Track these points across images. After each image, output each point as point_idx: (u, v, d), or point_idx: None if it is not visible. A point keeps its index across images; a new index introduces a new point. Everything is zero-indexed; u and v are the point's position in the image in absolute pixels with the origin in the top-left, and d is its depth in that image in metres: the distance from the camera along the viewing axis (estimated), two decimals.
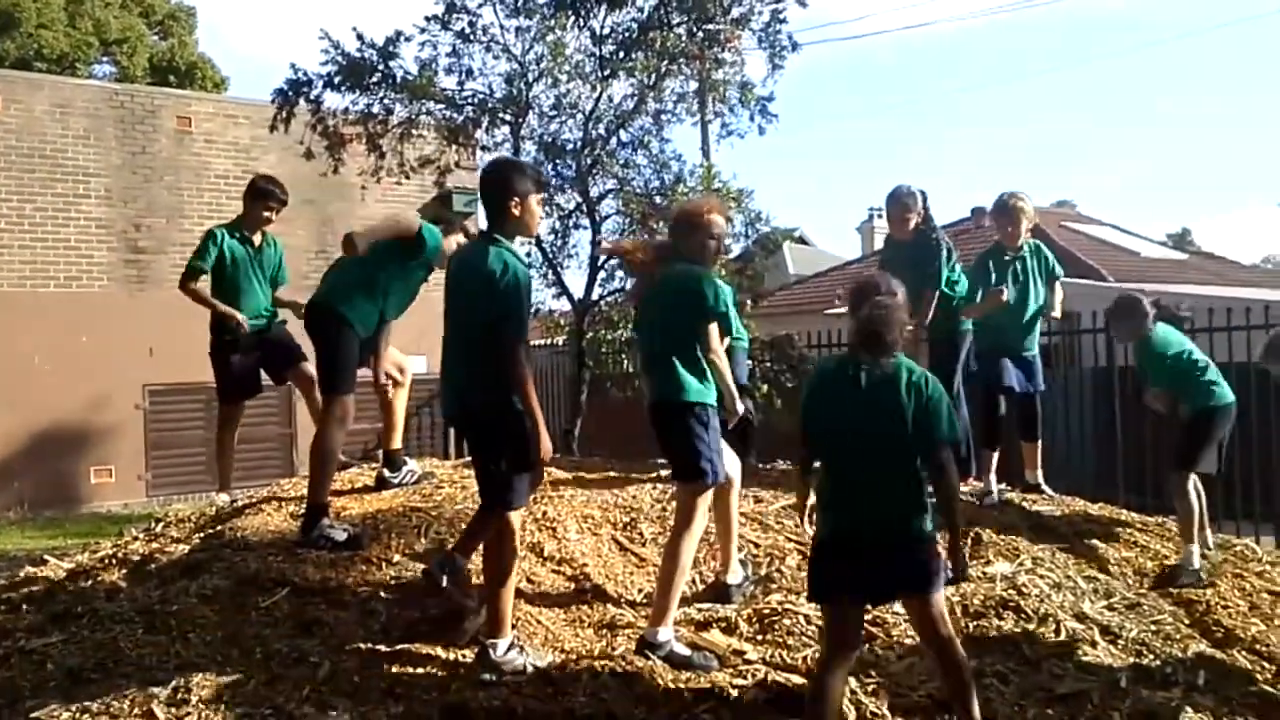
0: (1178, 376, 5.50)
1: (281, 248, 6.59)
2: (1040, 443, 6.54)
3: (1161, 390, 5.58)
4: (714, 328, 4.30)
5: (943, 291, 6.28)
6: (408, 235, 5.14)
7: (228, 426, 6.58)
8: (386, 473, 5.72)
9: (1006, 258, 6.23)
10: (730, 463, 4.53)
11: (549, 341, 14.13)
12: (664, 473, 5.88)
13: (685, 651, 4.01)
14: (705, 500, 4.26)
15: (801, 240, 30.47)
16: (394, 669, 3.81)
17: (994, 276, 6.16)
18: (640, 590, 4.65)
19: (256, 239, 6.52)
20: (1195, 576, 5.17)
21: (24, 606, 4.88)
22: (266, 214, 6.51)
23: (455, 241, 5.35)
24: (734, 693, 3.77)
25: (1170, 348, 5.51)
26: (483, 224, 4.45)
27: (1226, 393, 5.49)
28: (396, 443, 5.75)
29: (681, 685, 3.77)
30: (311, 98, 9.41)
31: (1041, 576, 4.93)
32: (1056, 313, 6.58)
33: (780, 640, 4.19)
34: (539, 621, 4.26)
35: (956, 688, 3.54)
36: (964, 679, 3.53)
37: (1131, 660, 4.31)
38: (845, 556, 3.54)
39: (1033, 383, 6.35)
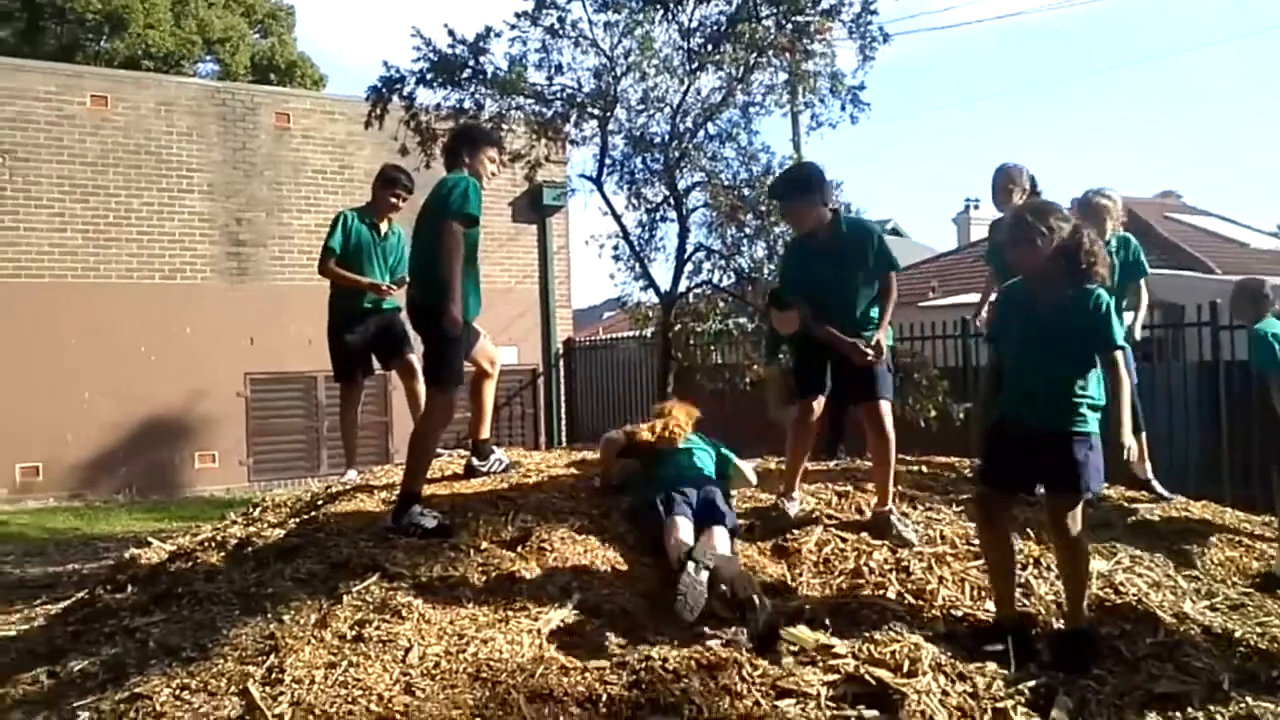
0: None
1: (405, 239, 6.70)
2: (1145, 436, 6.35)
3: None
4: None
5: None
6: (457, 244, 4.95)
7: (349, 405, 6.86)
8: (475, 461, 5.79)
9: None
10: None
11: (638, 334, 14.18)
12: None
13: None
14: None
15: (895, 232, 30.13)
16: (481, 654, 3.84)
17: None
18: None
19: (382, 226, 6.72)
20: None
21: (129, 587, 5.08)
22: (394, 200, 6.70)
23: (485, 159, 5.26)
24: (821, 688, 3.73)
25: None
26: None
27: None
28: (485, 432, 5.81)
29: (767, 678, 3.73)
30: (404, 94, 9.53)
31: (1139, 575, 4.80)
32: (1137, 330, 6.10)
33: (867, 635, 4.13)
34: (624, 611, 4.26)
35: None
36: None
37: (1235, 663, 4.16)
38: None
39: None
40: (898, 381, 8.13)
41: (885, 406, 5.22)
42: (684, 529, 4.64)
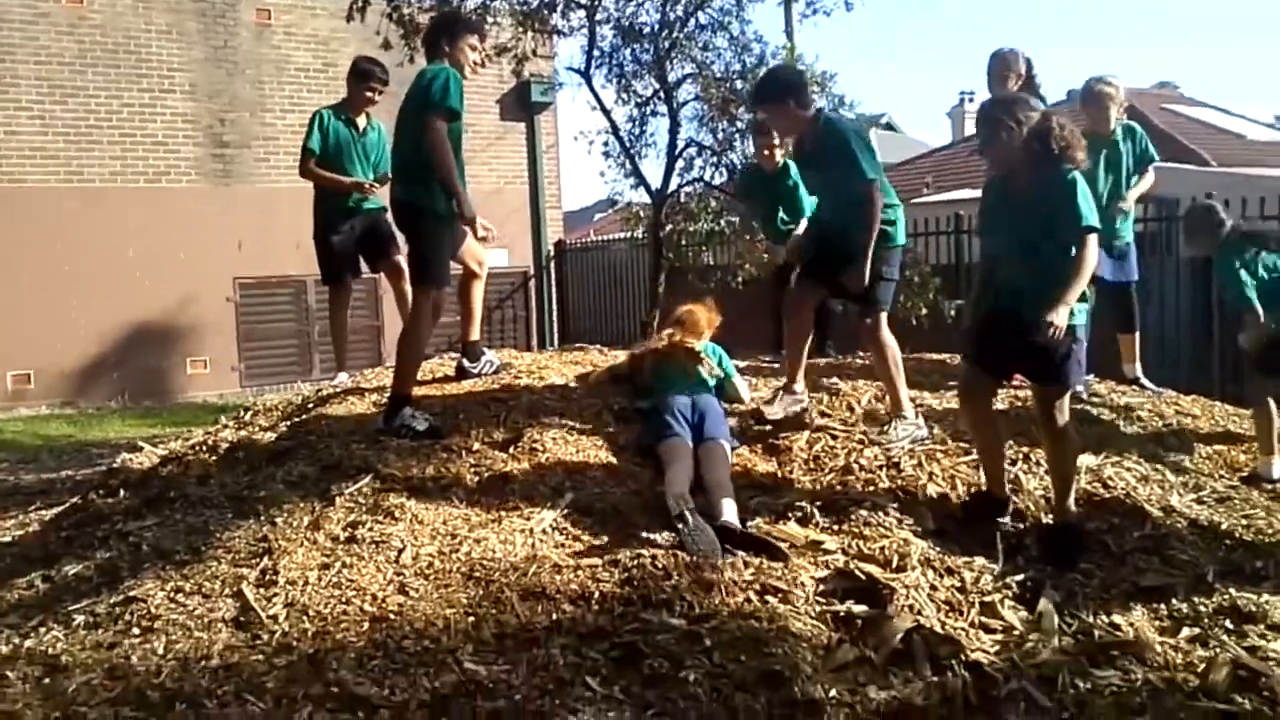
0: (1259, 292, 5.11)
1: (386, 134, 6.57)
2: (1138, 335, 6.35)
3: (1252, 314, 5.10)
4: None
5: None
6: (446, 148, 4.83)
7: (338, 308, 6.82)
8: (466, 363, 5.77)
9: (1099, 143, 5.98)
10: None
11: (629, 234, 14.06)
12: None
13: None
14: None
15: (889, 127, 29.76)
16: (474, 553, 3.87)
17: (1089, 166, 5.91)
18: None
19: (360, 122, 6.59)
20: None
21: (121, 491, 5.10)
22: (369, 94, 6.55)
23: (466, 47, 5.08)
24: (811, 584, 3.76)
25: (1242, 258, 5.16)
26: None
27: None
28: (475, 334, 5.78)
29: (755, 576, 3.76)
30: None
31: (1128, 469, 4.82)
32: (1127, 204, 6.03)
33: (857, 531, 4.16)
34: (616, 509, 4.28)
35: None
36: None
37: (1220, 555, 4.21)
38: None
39: (1125, 272, 6.13)
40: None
41: (873, 319, 5.12)
42: (681, 463, 4.47)
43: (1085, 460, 4.80)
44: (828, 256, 5.08)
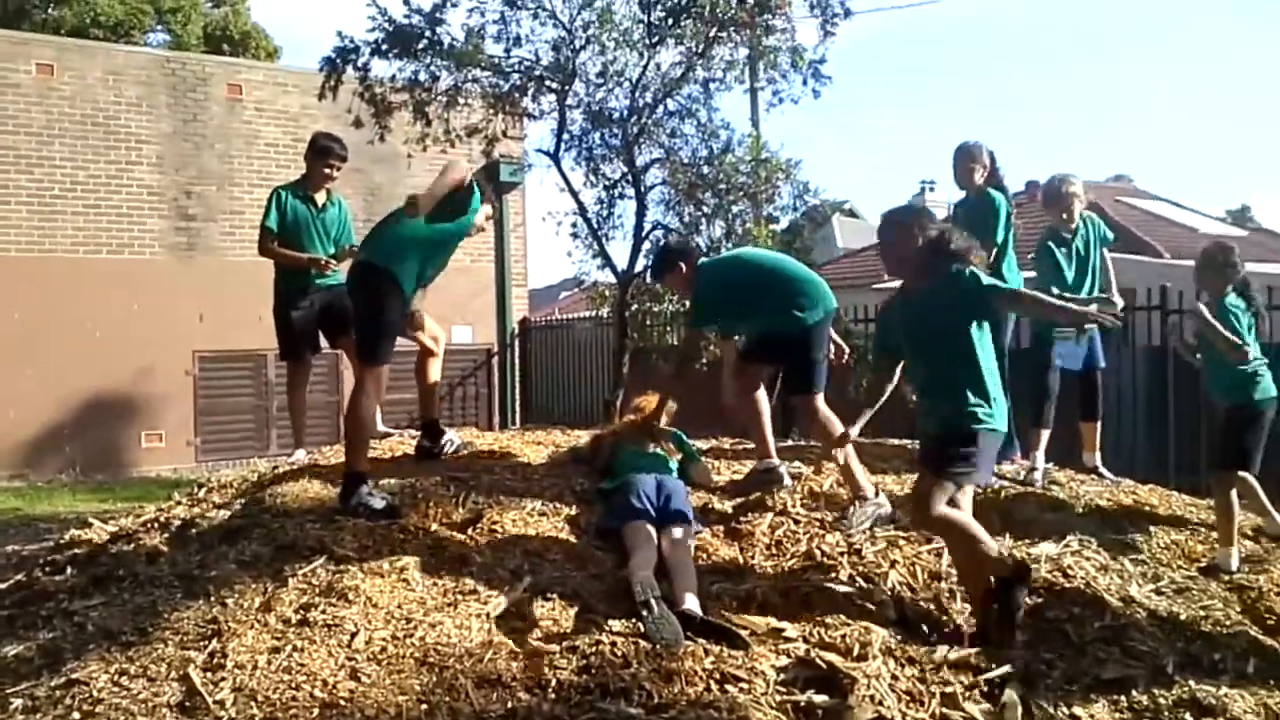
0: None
1: (347, 208, 6.62)
2: (1100, 423, 6.42)
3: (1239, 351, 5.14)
4: None
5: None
6: (460, 184, 4.99)
7: (297, 384, 6.78)
8: (426, 442, 5.72)
9: (1065, 237, 6.15)
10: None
11: (594, 314, 14.11)
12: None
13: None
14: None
15: (851, 213, 30.20)
16: (429, 638, 3.79)
17: (1060, 260, 6.07)
18: None
19: (319, 198, 6.58)
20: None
21: (68, 569, 4.98)
22: (327, 171, 6.55)
23: (485, 212, 5.31)
24: (771, 672, 3.71)
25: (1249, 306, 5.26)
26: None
27: (1270, 388, 5.26)
28: (435, 412, 5.74)
29: (715, 665, 3.71)
30: (359, 65, 9.37)
31: (1087, 559, 4.82)
32: (1117, 298, 6.20)
33: (818, 618, 4.12)
34: (576, 594, 4.23)
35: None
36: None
37: (1180, 646, 4.19)
38: None
39: (1093, 358, 6.23)
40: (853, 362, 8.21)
41: (804, 400, 5.32)
42: (645, 547, 4.44)
43: (1045, 549, 4.81)
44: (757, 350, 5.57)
